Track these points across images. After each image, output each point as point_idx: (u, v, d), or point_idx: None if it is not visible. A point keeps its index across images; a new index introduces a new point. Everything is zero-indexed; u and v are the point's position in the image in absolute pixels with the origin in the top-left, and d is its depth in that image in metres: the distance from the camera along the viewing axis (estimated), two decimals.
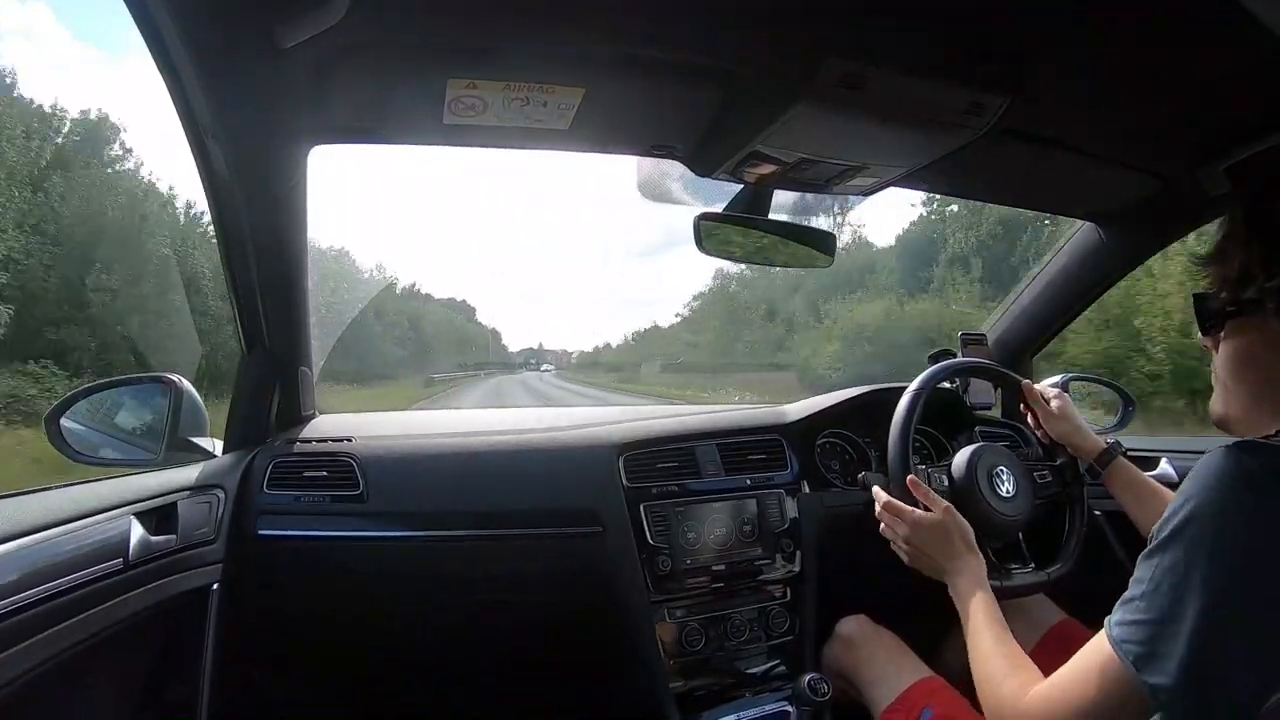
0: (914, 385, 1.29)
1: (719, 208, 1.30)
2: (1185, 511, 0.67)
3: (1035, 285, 1.74)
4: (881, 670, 1.22)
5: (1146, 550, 0.70)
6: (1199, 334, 0.83)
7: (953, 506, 1.12)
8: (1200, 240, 1.33)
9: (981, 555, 1.07)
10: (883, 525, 1.18)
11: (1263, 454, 0.67)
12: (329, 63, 0.92)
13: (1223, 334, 0.79)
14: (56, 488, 1.04)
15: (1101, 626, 0.73)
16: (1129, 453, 1.26)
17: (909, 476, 1.16)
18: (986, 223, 18.82)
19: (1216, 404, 0.82)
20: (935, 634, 1.31)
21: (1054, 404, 1.30)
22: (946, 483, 1.26)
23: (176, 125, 0.98)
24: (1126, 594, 0.71)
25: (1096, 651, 0.72)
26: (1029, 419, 1.37)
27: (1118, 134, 1.20)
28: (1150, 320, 8.00)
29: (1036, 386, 1.36)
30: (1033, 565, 1.28)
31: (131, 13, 0.79)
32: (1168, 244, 1.54)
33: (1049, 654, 1.20)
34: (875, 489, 1.20)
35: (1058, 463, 1.34)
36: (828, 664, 1.34)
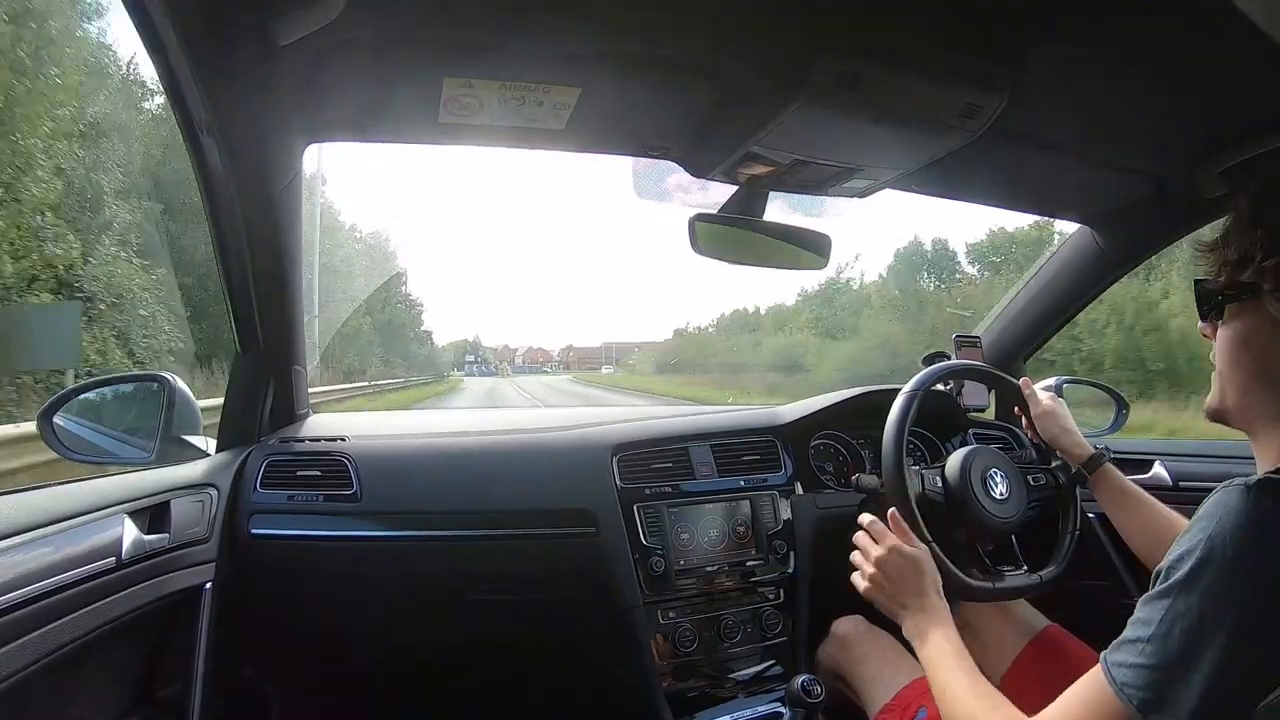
0: (908, 387, 1.29)
1: (714, 209, 1.30)
2: (1200, 554, 0.65)
3: (1030, 288, 1.74)
4: (877, 670, 1.21)
5: (1155, 591, 0.69)
6: (1199, 322, 0.81)
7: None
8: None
9: (947, 602, 1.05)
10: (859, 544, 1.14)
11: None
12: (325, 60, 0.92)
13: (1221, 320, 0.78)
14: (49, 486, 1.03)
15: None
16: (1123, 455, 1.26)
17: (890, 511, 1.13)
18: None
19: (1212, 396, 0.81)
20: None
21: (1045, 406, 1.29)
22: (940, 485, 1.26)
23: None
24: (1129, 634, 0.69)
25: (1091, 690, 0.71)
26: (1023, 421, 1.37)
27: (1114, 136, 1.20)
28: None
29: (1040, 393, 1.35)
30: (1025, 568, 1.28)
31: (128, 8, 0.79)
32: (1163, 247, 1.54)
33: (1035, 660, 1.21)
34: (863, 516, 1.16)
35: (1052, 465, 1.34)
36: (823, 663, 1.34)
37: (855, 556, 1.13)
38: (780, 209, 1.32)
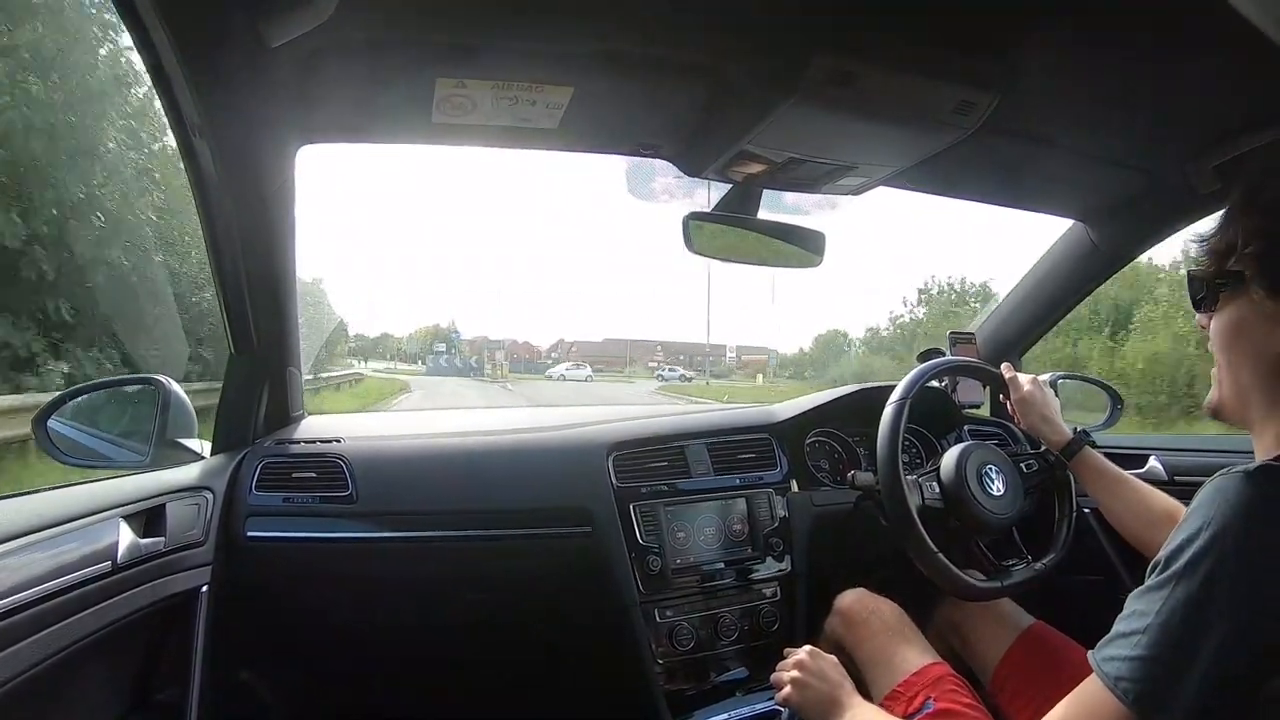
0: (895, 396, 1.28)
1: (708, 207, 1.30)
2: (1202, 541, 0.64)
3: (1024, 284, 1.75)
4: (883, 649, 1.16)
5: (1152, 582, 0.67)
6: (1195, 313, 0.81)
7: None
8: None
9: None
10: (785, 675, 1.07)
11: None
12: (317, 61, 0.92)
13: (1215, 310, 0.77)
14: (44, 490, 1.03)
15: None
16: (1118, 450, 1.26)
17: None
18: None
19: (1212, 391, 0.80)
20: (920, 627, 1.31)
21: (1025, 391, 1.27)
22: (938, 490, 1.25)
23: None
24: (1121, 629, 0.68)
25: (1083, 694, 0.70)
26: (1009, 407, 1.35)
27: (1107, 132, 1.20)
28: None
29: (1022, 378, 1.32)
30: (1028, 558, 1.28)
31: (119, 10, 0.79)
32: (1156, 242, 1.54)
33: (1022, 657, 1.20)
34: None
35: (1042, 449, 1.33)
36: (828, 636, 1.28)
37: (777, 673, 1.09)
38: (771, 206, 1.32)
